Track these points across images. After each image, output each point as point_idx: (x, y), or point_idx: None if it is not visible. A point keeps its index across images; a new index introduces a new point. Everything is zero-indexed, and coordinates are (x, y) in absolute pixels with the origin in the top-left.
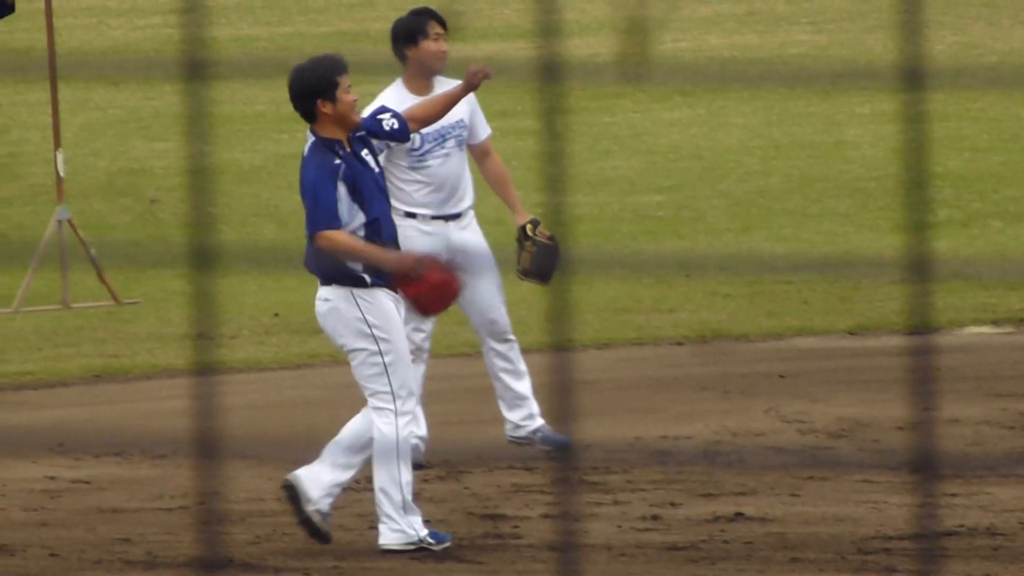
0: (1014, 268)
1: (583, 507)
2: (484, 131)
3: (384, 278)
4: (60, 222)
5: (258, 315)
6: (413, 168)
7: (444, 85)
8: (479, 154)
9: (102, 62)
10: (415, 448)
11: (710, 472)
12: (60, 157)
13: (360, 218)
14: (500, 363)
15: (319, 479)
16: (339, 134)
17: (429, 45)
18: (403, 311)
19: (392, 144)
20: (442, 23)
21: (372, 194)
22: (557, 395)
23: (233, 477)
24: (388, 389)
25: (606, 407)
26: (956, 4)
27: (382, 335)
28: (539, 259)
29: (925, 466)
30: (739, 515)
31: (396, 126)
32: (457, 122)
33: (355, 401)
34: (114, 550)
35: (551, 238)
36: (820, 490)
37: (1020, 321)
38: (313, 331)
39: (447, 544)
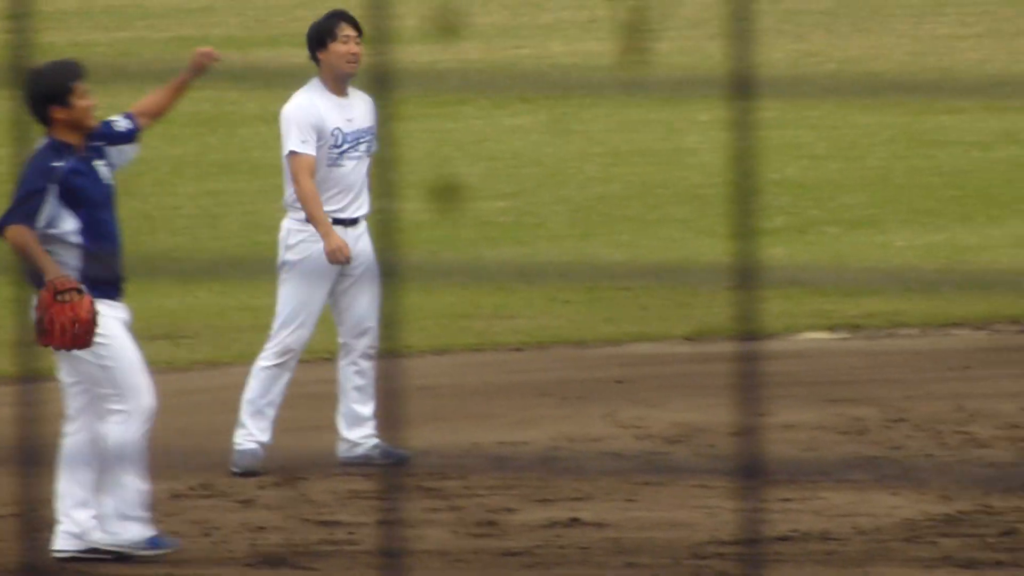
0: (850, 275)
1: (419, 513)
2: (374, 144)
3: (98, 289)
4: None
5: None
6: (331, 165)
7: (356, 95)
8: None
9: None
10: (253, 453)
11: (547, 478)
12: None
13: (72, 223)
14: (356, 380)
15: (76, 535)
16: (73, 139)
17: (338, 47)
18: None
19: (125, 148)
20: (354, 24)
21: (94, 202)
22: (390, 401)
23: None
24: (116, 391)
25: (444, 413)
26: (796, 12)
27: (99, 340)
28: None
29: (757, 471)
30: (575, 520)
31: (127, 126)
32: (369, 128)
33: (195, 407)
34: None
35: None
36: (656, 495)
37: (855, 327)
38: (150, 337)
39: (165, 551)
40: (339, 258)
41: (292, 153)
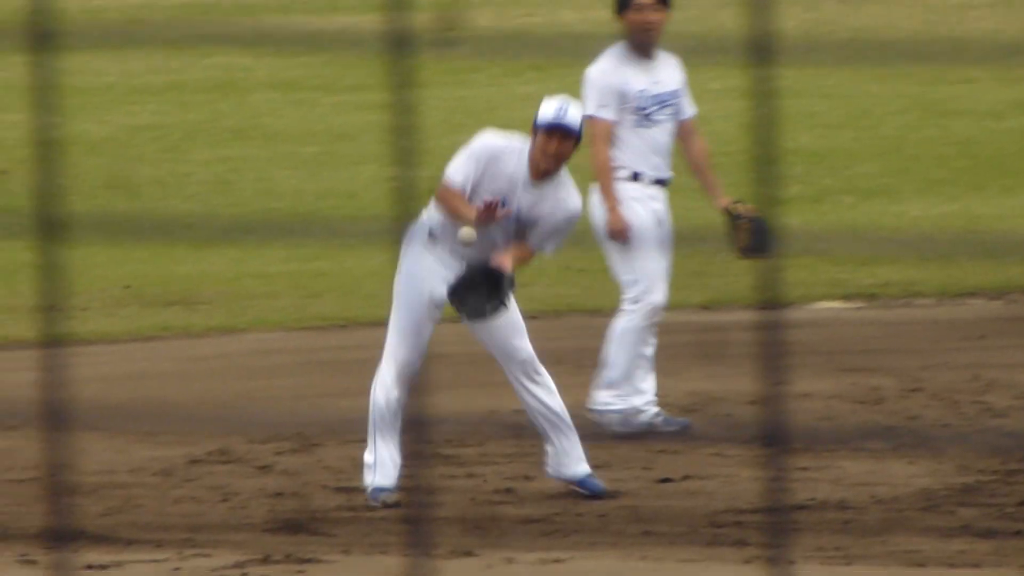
0: (864, 243)
1: (437, 480)
2: (691, 109)
3: None
4: None
5: (108, 287)
6: (638, 127)
7: (662, 57)
8: (684, 132)
9: None
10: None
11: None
12: None
13: None
14: (647, 350)
15: None
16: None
17: (633, 16)
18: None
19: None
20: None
21: None
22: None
23: (84, 449)
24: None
25: (461, 380)
26: None
27: None
28: (756, 234)
29: (776, 440)
30: None
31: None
32: (675, 91)
33: (209, 373)
34: None
35: (758, 211)
36: (673, 463)
37: (870, 296)
38: (165, 303)
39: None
40: (621, 238)
41: (589, 118)
